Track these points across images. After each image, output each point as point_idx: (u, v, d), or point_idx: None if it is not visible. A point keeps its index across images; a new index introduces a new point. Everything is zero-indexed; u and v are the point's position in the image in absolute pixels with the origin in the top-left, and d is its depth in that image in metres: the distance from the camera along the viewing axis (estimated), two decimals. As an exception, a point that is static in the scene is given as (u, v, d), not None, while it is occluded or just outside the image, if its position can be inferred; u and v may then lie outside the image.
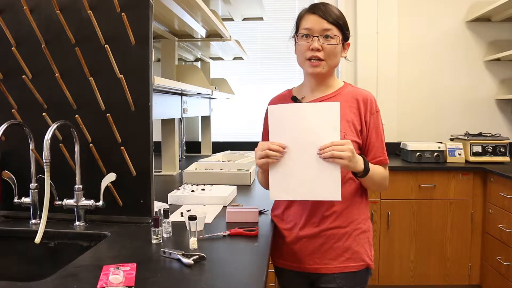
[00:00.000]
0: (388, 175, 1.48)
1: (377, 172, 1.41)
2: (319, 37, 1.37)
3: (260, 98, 3.99)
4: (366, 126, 1.43)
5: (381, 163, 1.44)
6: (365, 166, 1.34)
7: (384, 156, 1.45)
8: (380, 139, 1.44)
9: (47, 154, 1.29)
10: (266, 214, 1.63)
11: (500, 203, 2.95)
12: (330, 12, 1.39)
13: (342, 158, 1.24)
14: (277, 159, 1.29)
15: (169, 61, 2.78)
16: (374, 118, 1.43)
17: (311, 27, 1.38)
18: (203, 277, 1.01)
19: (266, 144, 1.30)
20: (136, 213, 1.51)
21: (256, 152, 1.34)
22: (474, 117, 3.83)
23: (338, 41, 1.39)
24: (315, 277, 1.46)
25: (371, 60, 3.76)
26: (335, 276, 1.42)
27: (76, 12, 1.49)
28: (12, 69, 1.54)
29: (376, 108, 1.45)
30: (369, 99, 1.43)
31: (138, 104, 1.49)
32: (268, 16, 3.79)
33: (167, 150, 2.78)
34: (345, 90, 1.47)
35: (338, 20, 1.39)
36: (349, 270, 1.42)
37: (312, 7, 1.42)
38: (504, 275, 2.89)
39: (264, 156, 1.29)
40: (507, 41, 3.74)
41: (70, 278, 1.01)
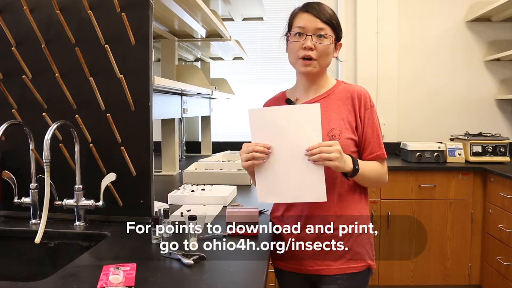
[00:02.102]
0: (386, 170, 1.47)
1: (371, 169, 1.40)
2: (312, 36, 1.37)
3: (260, 98, 3.96)
4: (361, 121, 1.42)
5: (378, 158, 1.43)
6: (354, 165, 1.32)
7: (381, 150, 1.43)
8: (376, 134, 1.43)
9: (47, 154, 1.29)
10: (266, 214, 1.63)
11: (500, 203, 2.95)
12: (324, 12, 1.38)
13: (330, 159, 1.24)
14: (263, 160, 1.29)
15: (169, 61, 2.77)
16: (368, 113, 1.42)
17: (304, 25, 1.37)
18: (203, 277, 1.01)
19: (251, 146, 1.30)
20: (136, 213, 1.51)
21: (241, 155, 1.33)
22: (474, 117, 3.82)
23: (331, 40, 1.38)
24: (316, 279, 1.45)
25: (371, 60, 3.75)
26: (336, 278, 1.41)
27: (76, 12, 1.49)
28: (12, 69, 1.54)
29: (371, 103, 1.44)
30: (362, 94, 1.43)
31: (138, 104, 1.49)
32: (268, 16, 3.79)
33: (167, 150, 2.78)
34: (338, 88, 1.46)
35: (331, 20, 1.38)
36: (351, 271, 1.41)
37: (305, 5, 1.41)
38: (504, 275, 2.89)
39: (249, 158, 1.29)
40: (507, 41, 3.74)
41: (70, 278, 1.01)
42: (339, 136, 1.37)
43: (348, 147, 1.38)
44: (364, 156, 1.43)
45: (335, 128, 1.38)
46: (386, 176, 1.47)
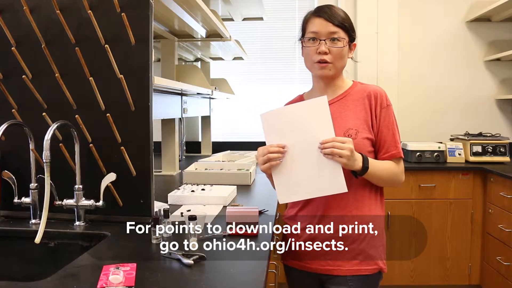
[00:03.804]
0: (402, 169, 1.46)
1: (383, 168, 1.39)
2: (326, 40, 1.38)
3: (260, 98, 3.98)
4: (377, 120, 1.42)
5: (394, 157, 1.43)
6: (364, 164, 1.32)
7: (397, 149, 1.43)
8: (391, 133, 1.43)
9: (47, 154, 1.29)
10: (266, 214, 1.63)
11: (500, 203, 2.95)
12: (336, 15, 1.39)
13: (341, 156, 1.25)
14: (280, 160, 1.29)
15: (169, 61, 2.77)
16: (384, 112, 1.43)
17: (317, 30, 1.39)
18: (203, 277, 1.01)
19: (266, 149, 1.31)
20: (136, 213, 1.51)
21: (257, 159, 1.34)
22: (474, 117, 3.82)
23: (344, 43, 1.39)
24: (326, 278, 1.44)
25: (371, 60, 3.75)
26: (347, 279, 1.40)
27: (76, 12, 1.49)
28: (12, 69, 1.54)
29: (387, 102, 1.44)
30: (378, 94, 1.43)
31: (138, 104, 1.49)
32: (268, 16, 3.78)
33: (167, 150, 2.78)
34: (355, 89, 1.47)
35: (344, 23, 1.39)
36: (362, 273, 1.40)
37: (317, 10, 1.42)
38: (504, 275, 2.89)
39: (266, 161, 1.30)
40: (507, 41, 3.74)
41: (70, 278, 1.01)
42: (355, 135, 1.37)
43: (365, 147, 1.38)
44: (380, 155, 1.43)
45: (352, 128, 1.39)
46: (402, 176, 1.47)
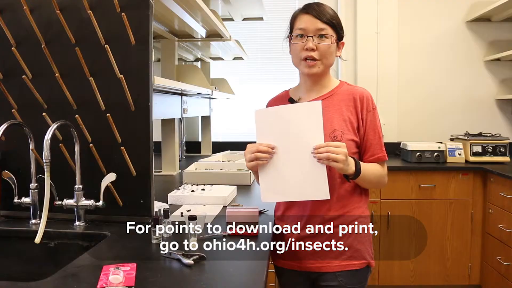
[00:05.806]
0: (386, 172, 1.48)
1: (371, 171, 1.41)
2: (314, 37, 1.38)
3: (260, 98, 3.97)
4: (363, 123, 1.43)
5: (379, 160, 1.44)
6: (357, 168, 1.34)
7: (382, 153, 1.45)
8: (377, 136, 1.44)
9: (47, 154, 1.29)
10: (266, 214, 1.63)
11: (500, 203, 2.95)
12: (324, 12, 1.39)
13: (336, 161, 1.26)
14: (266, 160, 1.30)
15: (169, 61, 2.77)
16: (371, 115, 1.43)
17: (305, 27, 1.39)
18: (203, 277, 1.01)
19: (255, 146, 1.31)
20: (136, 213, 1.51)
21: (245, 155, 1.35)
22: (474, 117, 3.82)
23: (332, 40, 1.39)
24: (316, 276, 1.46)
25: (371, 60, 3.75)
26: (336, 274, 1.43)
27: (76, 12, 1.49)
28: (12, 69, 1.54)
29: (373, 105, 1.45)
30: (365, 96, 1.44)
31: (138, 104, 1.49)
32: (268, 16, 3.79)
33: (167, 150, 2.78)
34: (341, 89, 1.47)
35: (332, 20, 1.39)
36: (351, 268, 1.43)
37: (306, 7, 1.42)
38: (504, 275, 2.89)
39: (253, 159, 1.31)
40: (507, 41, 3.74)
41: (70, 278, 1.01)
42: (341, 137, 1.38)
43: (350, 148, 1.39)
44: (365, 158, 1.44)
45: (337, 130, 1.39)
46: (386, 178, 1.49)
